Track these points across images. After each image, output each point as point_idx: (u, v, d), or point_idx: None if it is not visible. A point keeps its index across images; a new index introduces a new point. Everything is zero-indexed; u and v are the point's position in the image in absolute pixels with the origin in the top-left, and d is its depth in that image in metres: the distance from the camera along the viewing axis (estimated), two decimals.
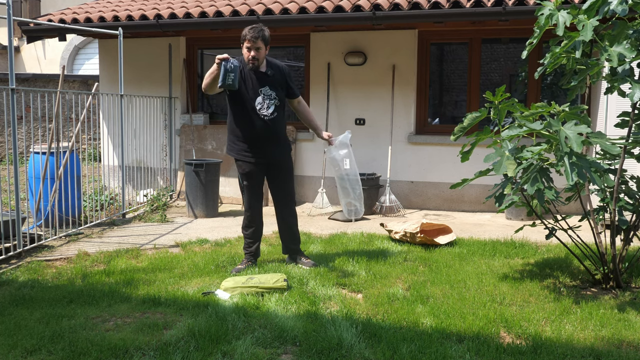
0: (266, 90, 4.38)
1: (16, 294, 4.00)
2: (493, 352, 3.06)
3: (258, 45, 4.29)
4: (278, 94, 4.44)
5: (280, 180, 4.63)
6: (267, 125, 4.40)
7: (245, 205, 4.64)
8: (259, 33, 4.27)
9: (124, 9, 7.69)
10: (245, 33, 4.30)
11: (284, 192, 4.67)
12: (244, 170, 4.50)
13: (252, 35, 4.27)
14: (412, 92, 7.34)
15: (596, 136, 3.71)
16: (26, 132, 11.42)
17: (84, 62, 15.70)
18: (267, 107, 4.39)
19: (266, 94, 4.38)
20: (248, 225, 4.64)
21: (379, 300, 3.86)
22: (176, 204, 7.70)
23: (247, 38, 4.28)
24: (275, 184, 4.64)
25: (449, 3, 6.25)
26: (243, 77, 4.35)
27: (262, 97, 4.37)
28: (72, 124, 10.56)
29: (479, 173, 4.01)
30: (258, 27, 4.32)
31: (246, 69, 4.37)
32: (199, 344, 3.15)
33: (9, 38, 5.06)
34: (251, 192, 4.57)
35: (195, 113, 8.16)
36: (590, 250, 4.34)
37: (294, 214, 4.74)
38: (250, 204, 4.60)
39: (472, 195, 7.20)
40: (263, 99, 4.37)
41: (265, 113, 4.39)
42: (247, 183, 4.53)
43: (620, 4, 3.60)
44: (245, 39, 4.30)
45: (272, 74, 4.43)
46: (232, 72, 4.11)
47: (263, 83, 4.38)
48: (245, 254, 4.68)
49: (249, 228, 4.64)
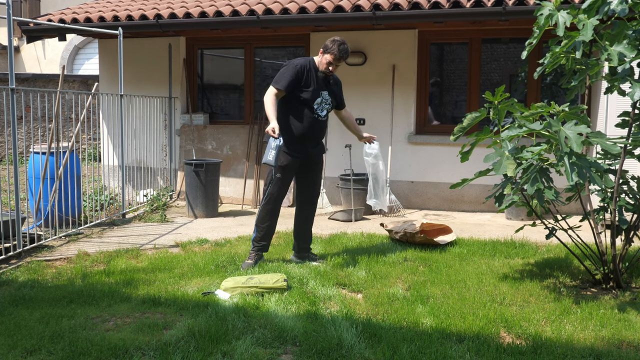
0: (325, 95, 4.64)
1: (16, 294, 4.00)
2: (493, 352, 3.06)
3: (341, 63, 4.58)
4: (332, 101, 4.72)
5: (311, 179, 4.78)
6: (317, 124, 4.61)
7: (267, 198, 4.64)
8: (346, 54, 4.52)
9: (124, 9, 7.69)
10: (334, 49, 4.47)
11: (312, 190, 4.82)
12: (282, 163, 4.55)
13: (341, 56, 4.49)
14: (412, 92, 7.34)
15: (596, 136, 3.71)
16: (26, 132, 11.42)
17: (84, 62, 15.69)
18: (322, 109, 4.62)
19: (324, 98, 4.63)
20: (265, 218, 4.65)
21: (379, 300, 3.86)
22: (176, 204, 7.70)
23: (336, 57, 4.48)
24: (305, 181, 4.78)
25: (449, 3, 6.25)
26: (311, 76, 4.55)
27: (321, 99, 4.60)
28: (72, 124, 10.56)
29: (479, 173, 4.01)
30: (346, 46, 4.51)
31: (315, 72, 4.58)
32: (199, 344, 3.15)
33: (9, 38, 5.06)
34: (280, 185, 4.61)
35: (195, 113, 8.16)
36: (590, 250, 4.34)
37: (314, 214, 4.90)
38: (275, 197, 4.63)
39: (472, 195, 7.20)
40: (321, 101, 4.60)
41: (320, 113, 4.61)
42: (281, 175, 4.59)
43: (620, 4, 3.60)
44: (334, 56, 4.48)
45: (333, 82, 4.72)
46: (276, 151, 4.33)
47: (325, 88, 4.64)
48: (254, 247, 4.70)
49: (265, 221, 4.66)
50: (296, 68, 4.50)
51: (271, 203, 4.63)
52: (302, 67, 4.53)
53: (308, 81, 4.53)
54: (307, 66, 4.56)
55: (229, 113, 8.40)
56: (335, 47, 4.47)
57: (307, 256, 4.83)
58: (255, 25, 6.91)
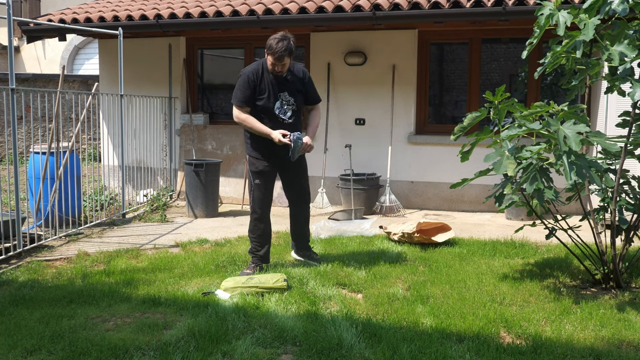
0: (285, 95, 4.38)
1: (16, 294, 4.00)
2: (493, 352, 3.06)
3: (284, 62, 4.25)
4: (296, 100, 4.44)
5: (293, 179, 4.61)
6: (284, 128, 4.37)
7: (252, 206, 4.55)
8: (285, 51, 4.17)
9: (124, 9, 7.69)
10: (272, 48, 4.18)
11: (298, 190, 4.65)
12: (256, 168, 4.45)
13: (280, 54, 4.17)
14: (412, 92, 7.34)
15: (595, 135, 3.71)
16: (26, 132, 11.42)
17: (84, 62, 15.70)
18: (285, 112, 4.40)
19: (285, 99, 4.38)
20: (255, 228, 4.54)
21: (379, 300, 3.86)
22: (176, 204, 7.70)
23: (274, 56, 4.19)
24: (288, 182, 4.64)
25: (449, 3, 6.25)
26: (264, 81, 4.33)
27: (281, 102, 4.37)
28: (72, 124, 10.56)
29: (479, 173, 4.01)
30: (285, 43, 4.17)
31: (267, 74, 4.34)
32: (199, 344, 3.15)
33: (9, 38, 5.06)
34: (261, 191, 4.49)
35: (195, 113, 8.16)
36: (590, 250, 4.34)
37: (306, 214, 4.74)
38: (259, 205, 4.50)
39: (472, 195, 7.20)
40: (281, 104, 4.37)
41: (284, 117, 4.40)
42: (259, 181, 4.48)
43: (621, 4, 3.60)
44: (273, 56, 4.20)
45: (292, 79, 4.41)
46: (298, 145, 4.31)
47: (282, 88, 4.38)
48: (253, 258, 4.57)
49: (256, 231, 4.54)
50: (247, 78, 4.31)
51: (256, 211, 4.51)
52: (252, 75, 4.31)
53: (262, 87, 4.32)
54: (259, 72, 4.33)
55: (229, 113, 8.39)
56: (274, 45, 4.16)
57: (307, 254, 4.78)
58: (255, 25, 6.91)
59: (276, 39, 4.18)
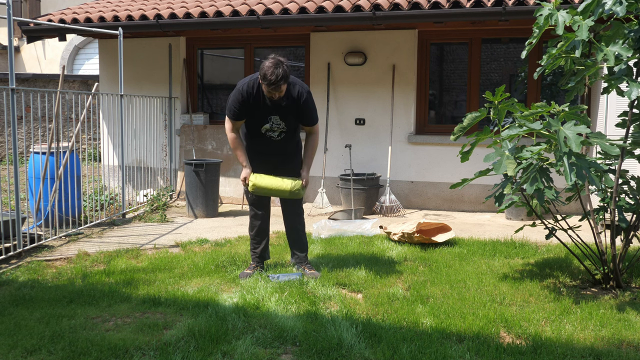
0: (276, 119, 4.25)
1: (16, 294, 4.00)
2: (493, 352, 3.06)
3: (281, 90, 4.04)
4: (287, 124, 4.29)
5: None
6: (274, 144, 4.34)
7: (250, 208, 4.59)
8: (280, 80, 3.93)
9: (124, 9, 7.69)
10: (266, 78, 3.93)
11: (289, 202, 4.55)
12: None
13: (275, 85, 3.94)
14: (412, 92, 7.34)
15: (596, 136, 3.72)
16: (26, 132, 11.42)
17: (84, 62, 15.70)
18: (274, 131, 4.29)
19: (275, 122, 4.26)
20: (251, 225, 4.60)
21: (379, 300, 3.86)
22: (176, 204, 7.70)
23: (269, 87, 3.98)
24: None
25: (449, 3, 6.25)
26: (258, 103, 4.17)
27: (270, 125, 4.26)
28: (72, 124, 10.56)
29: (479, 173, 4.01)
30: (279, 71, 3.91)
31: (261, 93, 4.15)
32: (199, 344, 3.15)
33: (9, 38, 5.06)
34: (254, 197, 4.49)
35: (195, 113, 8.16)
36: (590, 250, 4.34)
37: (301, 222, 4.62)
38: (253, 205, 4.54)
39: (472, 195, 7.20)
40: (271, 126, 4.26)
41: (273, 135, 4.32)
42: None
43: (614, 4, 3.61)
44: (267, 85, 3.99)
45: (286, 104, 4.19)
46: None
47: (274, 112, 4.22)
48: (252, 257, 4.61)
49: (252, 227, 4.59)
50: (240, 96, 4.16)
51: (252, 210, 4.54)
52: (246, 94, 4.14)
53: (253, 108, 4.18)
54: (253, 90, 4.14)
55: None
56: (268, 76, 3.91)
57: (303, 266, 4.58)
58: (255, 25, 6.92)
59: (270, 68, 3.92)
